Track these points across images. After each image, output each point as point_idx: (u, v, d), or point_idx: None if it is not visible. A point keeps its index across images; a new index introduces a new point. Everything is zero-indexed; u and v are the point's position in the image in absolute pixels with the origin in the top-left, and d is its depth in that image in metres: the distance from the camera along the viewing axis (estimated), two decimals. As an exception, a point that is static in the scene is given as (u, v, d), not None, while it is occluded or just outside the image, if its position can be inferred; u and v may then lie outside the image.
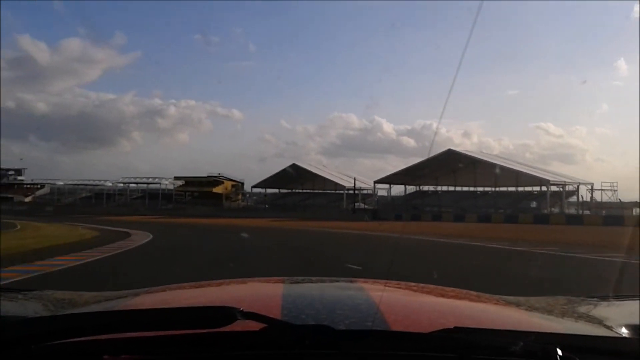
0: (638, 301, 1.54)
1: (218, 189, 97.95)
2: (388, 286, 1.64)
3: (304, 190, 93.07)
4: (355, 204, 73.12)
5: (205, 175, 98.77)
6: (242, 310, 0.88)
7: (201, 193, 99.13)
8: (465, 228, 35.43)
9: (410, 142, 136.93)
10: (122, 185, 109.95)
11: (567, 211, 61.18)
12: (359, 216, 63.22)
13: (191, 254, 15.99)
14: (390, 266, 9.17)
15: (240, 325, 0.86)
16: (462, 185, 75.84)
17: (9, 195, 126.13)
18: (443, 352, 0.85)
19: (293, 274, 2.24)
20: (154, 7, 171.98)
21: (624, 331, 1.10)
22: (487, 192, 73.20)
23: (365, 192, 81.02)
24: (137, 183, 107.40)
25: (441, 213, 62.57)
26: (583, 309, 1.47)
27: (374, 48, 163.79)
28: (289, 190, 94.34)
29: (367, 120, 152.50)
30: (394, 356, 0.87)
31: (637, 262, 10.72)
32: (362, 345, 0.85)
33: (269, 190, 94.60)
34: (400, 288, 1.72)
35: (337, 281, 1.88)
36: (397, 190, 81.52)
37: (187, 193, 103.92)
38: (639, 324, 1.11)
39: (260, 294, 1.58)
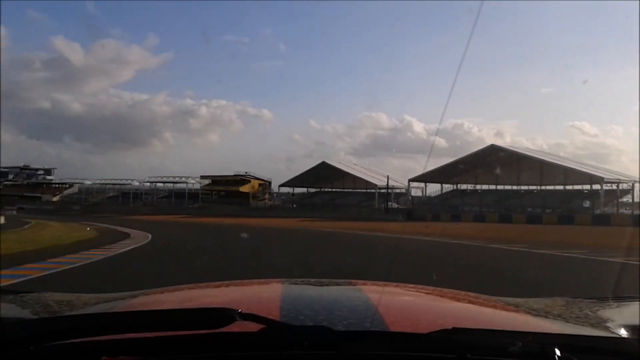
0: (637, 302, 1.56)
1: (245, 188, 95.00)
2: (386, 287, 1.65)
3: (333, 189, 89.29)
4: (388, 203, 68.94)
5: (232, 174, 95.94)
6: (240, 312, 0.88)
7: (228, 192, 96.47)
8: (526, 231, 30.93)
9: (441, 141, 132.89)
10: (149, 184, 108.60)
11: (623, 211, 55.55)
12: (392, 216, 59.11)
13: (171, 265, 12.32)
14: None
15: (238, 327, 0.86)
16: (503, 184, 70.68)
17: (37, 195, 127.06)
18: (442, 353, 0.85)
19: None
20: (185, 8, 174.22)
21: (623, 332, 1.09)
22: (532, 190, 67.90)
23: (397, 191, 76.68)
24: (163, 182, 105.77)
25: (484, 213, 57.88)
26: (582, 310, 1.46)
27: (402, 47, 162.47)
28: (318, 190, 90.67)
29: (397, 120, 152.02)
30: (392, 357, 0.86)
31: None
32: (360, 346, 0.86)
33: (297, 190, 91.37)
34: (398, 289, 1.72)
35: (336, 282, 1.81)
36: (432, 189, 76.98)
37: (213, 192, 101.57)
38: (638, 325, 1.11)
39: (259, 295, 1.58)
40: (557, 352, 0.81)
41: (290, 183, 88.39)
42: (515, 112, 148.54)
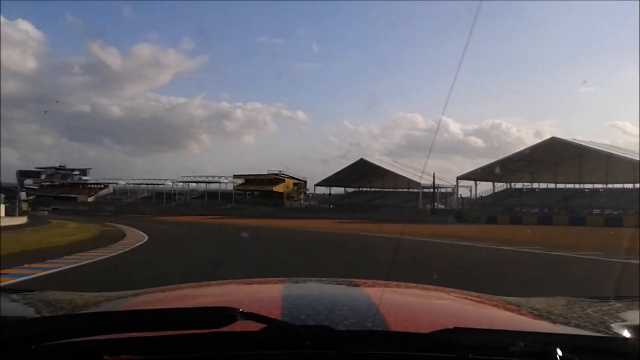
0: (638, 301, 1.56)
1: (279, 188, 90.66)
2: (388, 287, 1.65)
3: (373, 189, 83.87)
4: (434, 203, 63.08)
5: (266, 172, 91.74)
6: (241, 311, 0.88)
7: (261, 192, 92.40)
8: (621, 235, 24.84)
9: (479, 142, 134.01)
10: (182, 184, 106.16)
11: None
12: (440, 217, 53.42)
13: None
14: None
15: (240, 326, 0.86)
16: (564, 182, 63.61)
17: (73, 195, 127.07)
18: (443, 353, 0.85)
19: None
20: (220, 11, 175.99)
21: (625, 332, 1.08)
22: (598, 189, 60.67)
23: (443, 190, 70.61)
24: (196, 182, 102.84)
25: (549, 214, 51.38)
26: (583, 309, 1.47)
27: (438, 47, 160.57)
28: (356, 189, 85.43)
29: (433, 120, 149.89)
30: (393, 356, 0.86)
31: None
32: (361, 346, 0.86)
33: (334, 190, 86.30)
34: (400, 288, 1.72)
35: (337, 281, 1.80)
36: (481, 188, 70.49)
37: (246, 192, 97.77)
38: (639, 325, 1.11)
39: (260, 295, 1.58)
40: (559, 352, 0.81)
41: (326, 182, 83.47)
42: (555, 111, 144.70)
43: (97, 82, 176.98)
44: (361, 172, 76.50)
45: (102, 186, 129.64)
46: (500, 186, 70.01)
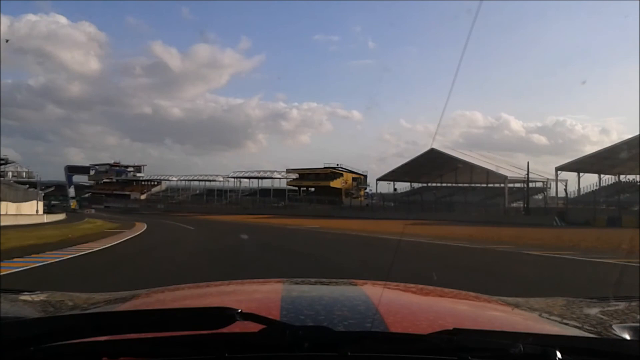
0: (638, 302, 1.55)
1: (336, 183, 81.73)
2: (387, 287, 1.64)
3: (444, 184, 73.02)
4: (527, 200, 51.56)
5: (322, 166, 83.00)
6: (241, 312, 0.89)
7: (317, 188, 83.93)
8: None
9: (542, 139, 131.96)
10: (234, 180, 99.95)
11: None
12: (537, 219, 42.26)
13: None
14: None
15: (239, 327, 0.87)
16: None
17: (126, 193, 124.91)
18: (442, 354, 0.85)
19: None
20: (276, 10, 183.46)
21: (624, 333, 1.08)
22: None
23: (531, 185, 58.79)
24: (248, 177, 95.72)
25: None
26: (582, 310, 1.47)
27: (502, 43, 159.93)
28: (424, 184, 74.89)
29: (493, 118, 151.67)
30: (393, 358, 0.86)
31: None
32: (361, 347, 0.85)
33: (399, 184, 76.01)
34: (399, 289, 1.72)
35: (336, 282, 1.82)
36: (576, 182, 58.02)
37: (301, 188, 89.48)
38: (638, 326, 1.11)
39: (259, 296, 1.58)
40: (558, 354, 0.82)
41: (390, 176, 73.42)
42: (622, 108, 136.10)
43: (158, 83, 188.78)
44: (432, 164, 66.00)
45: (155, 183, 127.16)
46: (607, 179, 57.58)
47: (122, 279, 8.74)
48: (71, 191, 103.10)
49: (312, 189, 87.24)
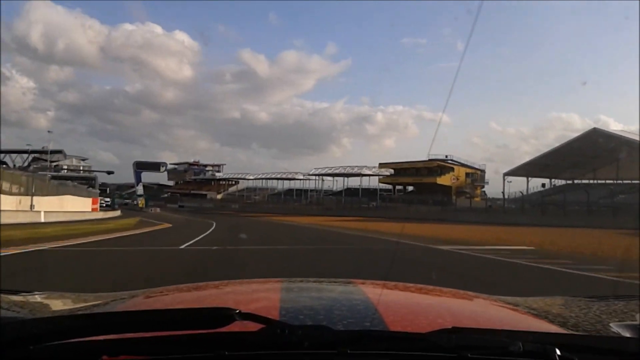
0: (637, 301, 1.56)
1: (445, 180, 64.13)
2: (386, 287, 1.64)
3: (601, 181, 52.78)
4: None
5: (426, 158, 65.59)
6: (240, 311, 0.89)
7: (419, 186, 66.62)
8: None
9: None
10: (316, 179, 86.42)
11: None
12: None
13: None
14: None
15: (238, 326, 0.87)
16: None
17: (203, 192, 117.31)
18: (441, 352, 0.85)
19: None
20: (363, 14, 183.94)
21: (623, 331, 1.08)
22: None
23: None
24: (332, 175, 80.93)
25: None
26: (581, 309, 1.46)
27: (597, 39, 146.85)
28: (569, 182, 55.08)
29: (591, 120, 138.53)
30: (392, 356, 0.86)
31: None
32: (360, 346, 0.85)
33: (532, 181, 56.53)
34: (398, 289, 1.72)
35: (335, 282, 1.83)
36: None
37: (396, 187, 72.67)
38: (638, 324, 1.12)
39: (258, 295, 1.58)
40: (557, 351, 0.81)
41: (522, 170, 54.47)
42: None
43: (246, 89, 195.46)
44: (589, 152, 46.57)
45: (232, 182, 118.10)
46: None
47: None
48: (139, 189, 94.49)
49: (412, 188, 70.20)
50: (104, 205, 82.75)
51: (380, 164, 72.59)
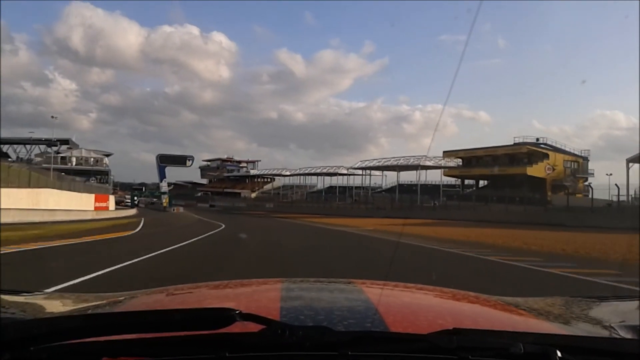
0: (637, 301, 1.56)
1: (536, 170, 49.29)
2: (386, 287, 1.63)
3: None
4: None
5: (511, 143, 50.80)
6: (240, 312, 0.88)
7: (500, 178, 51.54)
8: None
9: None
10: (362, 173, 74.73)
11: None
12: None
13: None
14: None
15: (238, 327, 0.87)
16: None
17: (237, 191, 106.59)
18: (442, 354, 0.85)
19: None
20: (399, 11, 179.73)
21: (624, 332, 1.08)
22: None
23: None
24: (382, 168, 67.85)
25: None
26: (582, 309, 1.46)
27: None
28: None
29: (636, 118, 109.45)
30: (393, 357, 0.86)
31: None
32: (361, 347, 0.85)
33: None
34: (398, 289, 1.71)
35: (335, 282, 1.82)
36: None
37: (464, 181, 58.36)
38: (638, 325, 1.12)
39: (259, 296, 1.58)
40: (558, 353, 0.81)
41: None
42: None
43: (283, 89, 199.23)
44: None
45: (268, 180, 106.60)
46: None
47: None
48: (163, 185, 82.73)
49: (486, 182, 55.77)
50: (130, 203, 74.72)
51: (444, 152, 58.66)
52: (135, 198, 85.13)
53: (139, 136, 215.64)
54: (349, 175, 77.87)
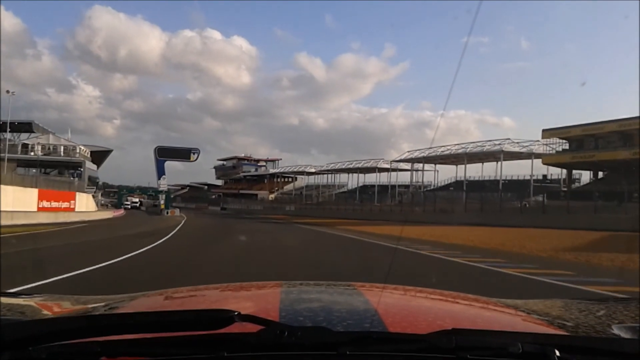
0: (636, 302, 1.55)
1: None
2: (386, 289, 1.64)
3: None
4: None
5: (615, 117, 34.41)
6: (239, 313, 0.89)
7: (612, 168, 34.42)
8: None
9: None
10: (409, 167, 60.40)
11: None
12: None
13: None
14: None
15: (237, 328, 0.87)
16: None
17: (253, 192, 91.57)
18: (441, 354, 0.85)
19: None
20: (418, 14, 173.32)
21: (622, 332, 1.08)
22: None
23: None
24: (438, 161, 52.15)
25: None
26: (581, 310, 1.46)
27: None
28: None
29: None
30: (392, 357, 0.86)
31: None
32: (360, 347, 0.85)
33: None
34: (397, 291, 1.71)
35: (335, 284, 1.83)
36: None
37: (571, 171, 41.98)
38: (637, 325, 1.13)
39: (258, 297, 1.60)
40: (557, 352, 0.81)
41: None
42: None
43: (304, 95, 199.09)
44: None
45: (289, 179, 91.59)
46: None
47: None
48: (161, 184, 66.86)
49: (592, 178, 39.23)
50: (129, 206, 68.83)
51: (544, 130, 41.99)
52: (130, 200, 72.64)
53: (162, 142, 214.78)
54: (392, 171, 62.27)
